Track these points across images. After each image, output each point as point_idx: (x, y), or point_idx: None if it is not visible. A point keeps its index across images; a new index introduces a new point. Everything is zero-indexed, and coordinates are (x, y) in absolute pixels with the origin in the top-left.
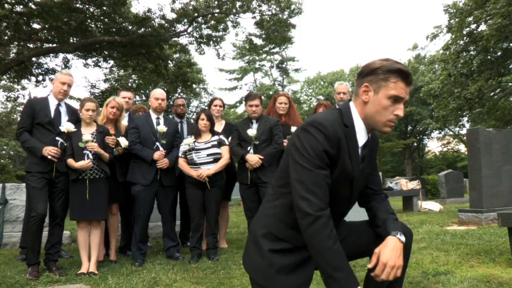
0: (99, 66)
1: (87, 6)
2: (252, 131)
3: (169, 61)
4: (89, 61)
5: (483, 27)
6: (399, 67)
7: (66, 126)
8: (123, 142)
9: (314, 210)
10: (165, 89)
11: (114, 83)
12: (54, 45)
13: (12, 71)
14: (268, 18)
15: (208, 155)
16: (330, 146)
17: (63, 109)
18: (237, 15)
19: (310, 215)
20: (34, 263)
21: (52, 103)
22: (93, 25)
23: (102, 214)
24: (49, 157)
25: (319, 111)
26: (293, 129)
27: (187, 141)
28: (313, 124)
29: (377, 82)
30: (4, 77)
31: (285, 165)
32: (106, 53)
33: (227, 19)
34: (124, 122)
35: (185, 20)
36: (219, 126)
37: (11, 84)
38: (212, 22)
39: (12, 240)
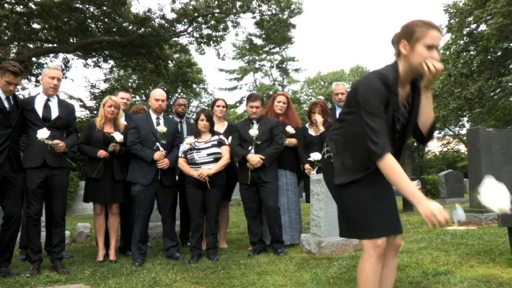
0: (99, 66)
1: (87, 6)
2: (254, 131)
3: (169, 61)
4: (89, 61)
5: (483, 27)
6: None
7: (40, 135)
8: (118, 136)
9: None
10: (165, 89)
11: (114, 83)
12: (54, 45)
13: None
14: (268, 18)
15: (208, 154)
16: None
17: (53, 104)
18: (237, 15)
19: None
20: (34, 260)
21: (40, 100)
22: (93, 25)
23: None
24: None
25: (315, 111)
26: (289, 128)
27: (189, 141)
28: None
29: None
30: None
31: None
32: (106, 53)
33: (227, 19)
34: (122, 120)
35: (185, 20)
36: (222, 127)
37: None
38: (212, 22)
39: None
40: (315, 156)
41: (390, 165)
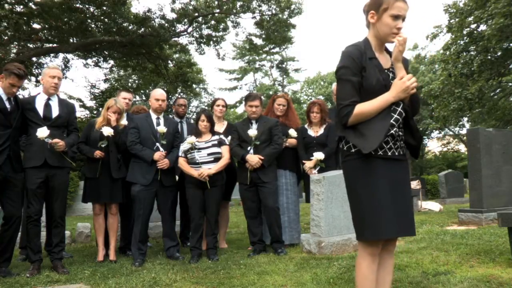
0: (99, 66)
1: (87, 6)
2: (252, 132)
3: (169, 61)
4: (89, 61)
5: (483, 27)
6: None
7: (40, 133)
8: (107, 131)
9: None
10: (165, 89)
11: (114, 83)
12: (54, 45)
13: None
14: (268, 18)
15: (208, 154)
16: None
17: (54, 103)
18: (237, 15)
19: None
20: (34, 261)
21: (41, 99)
22: (93, 25)
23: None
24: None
25: (313, 110)
26: (291, 131)
27: (190, 140)
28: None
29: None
30: None
31: None
32: (106, 53)
33: (227, 19)
34: (124, 121)
35: (185, 20)
36: (221, 127)
37: None
38: (212, 22)
39: None
40: (318, 155)
41: (358, 111)
